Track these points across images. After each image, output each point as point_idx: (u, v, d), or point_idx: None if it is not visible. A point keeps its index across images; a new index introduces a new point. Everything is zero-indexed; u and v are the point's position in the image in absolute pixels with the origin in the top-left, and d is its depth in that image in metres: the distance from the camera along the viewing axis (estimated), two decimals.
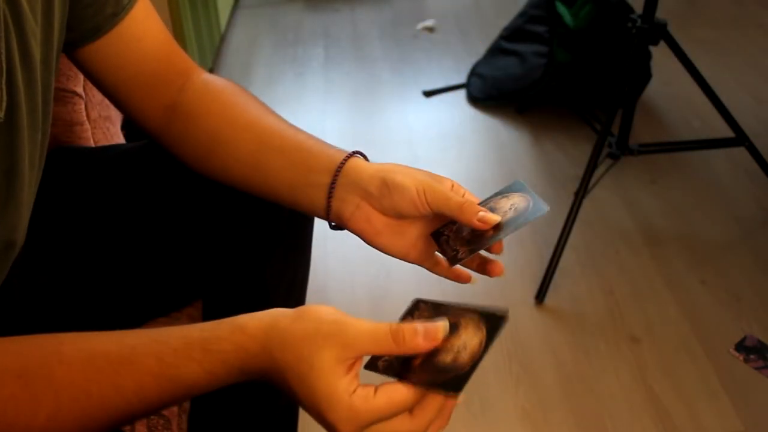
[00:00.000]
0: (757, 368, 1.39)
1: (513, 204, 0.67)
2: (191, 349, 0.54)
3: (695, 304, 1.54)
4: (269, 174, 0.73)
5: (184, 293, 0.89)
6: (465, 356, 0.54)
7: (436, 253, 0.71)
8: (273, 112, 0.77)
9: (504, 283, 1.61)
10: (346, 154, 0.70)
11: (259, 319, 0.54)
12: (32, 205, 0.65)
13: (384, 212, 0.68)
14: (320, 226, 0.80)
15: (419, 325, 0.53)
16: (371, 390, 0.52)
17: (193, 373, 0.53)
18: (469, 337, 0.55)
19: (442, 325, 0.54)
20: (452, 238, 0.68)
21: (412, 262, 0.71)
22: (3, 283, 0.64)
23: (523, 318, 1.53)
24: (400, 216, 0.68)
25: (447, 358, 0.54)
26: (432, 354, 0.55)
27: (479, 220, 0.64)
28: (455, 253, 0.66)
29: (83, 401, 0.53)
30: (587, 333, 1.49)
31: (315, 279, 0.97)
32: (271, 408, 0.90)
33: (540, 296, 1.56)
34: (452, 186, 0.68)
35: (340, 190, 0.69)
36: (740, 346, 1.43)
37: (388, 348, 0.53)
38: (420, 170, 0.68)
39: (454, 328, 0.56)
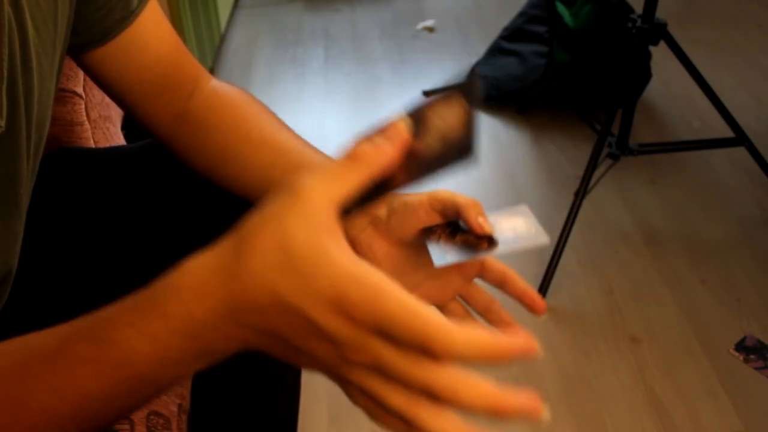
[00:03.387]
0: (757, 368, 1.39)
1: (514, 226, 0.66)
2: (123, 314, 0.45)
3: (695, 304, 1.54)
4: None
5: None
6: (454, 127, 0.45)
7: (427, 243, 0.66)
8: (285, 126, 0.76)
9: None
10: None
11: (199, 253, 0.46)
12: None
13: (389, 237, 0.65)
14: None
15: (374, 136, 0.44)
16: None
17: (130, 342, 0.44)
18: (447, 114, 0.45)
19: (399, 119, 0.44)
20: (443, 239, 0.66)
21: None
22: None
23: (522, 318, 1.53)
24: (404, 240, 0.65)
25: (435, 145, 0.44)
26: (411, 156, 0.44)
27: (478, 221, 0.63)
28: (444, 253, 0.64)
29: (24, 415, 0.47)
30: (587, 333, 1.49)
31: None
32: (271, 408, 0.90)
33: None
34: None
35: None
36: (740, 346, 1.43)
37: (352, 176, 0.43)
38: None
39: (419, 122, 0.44)
